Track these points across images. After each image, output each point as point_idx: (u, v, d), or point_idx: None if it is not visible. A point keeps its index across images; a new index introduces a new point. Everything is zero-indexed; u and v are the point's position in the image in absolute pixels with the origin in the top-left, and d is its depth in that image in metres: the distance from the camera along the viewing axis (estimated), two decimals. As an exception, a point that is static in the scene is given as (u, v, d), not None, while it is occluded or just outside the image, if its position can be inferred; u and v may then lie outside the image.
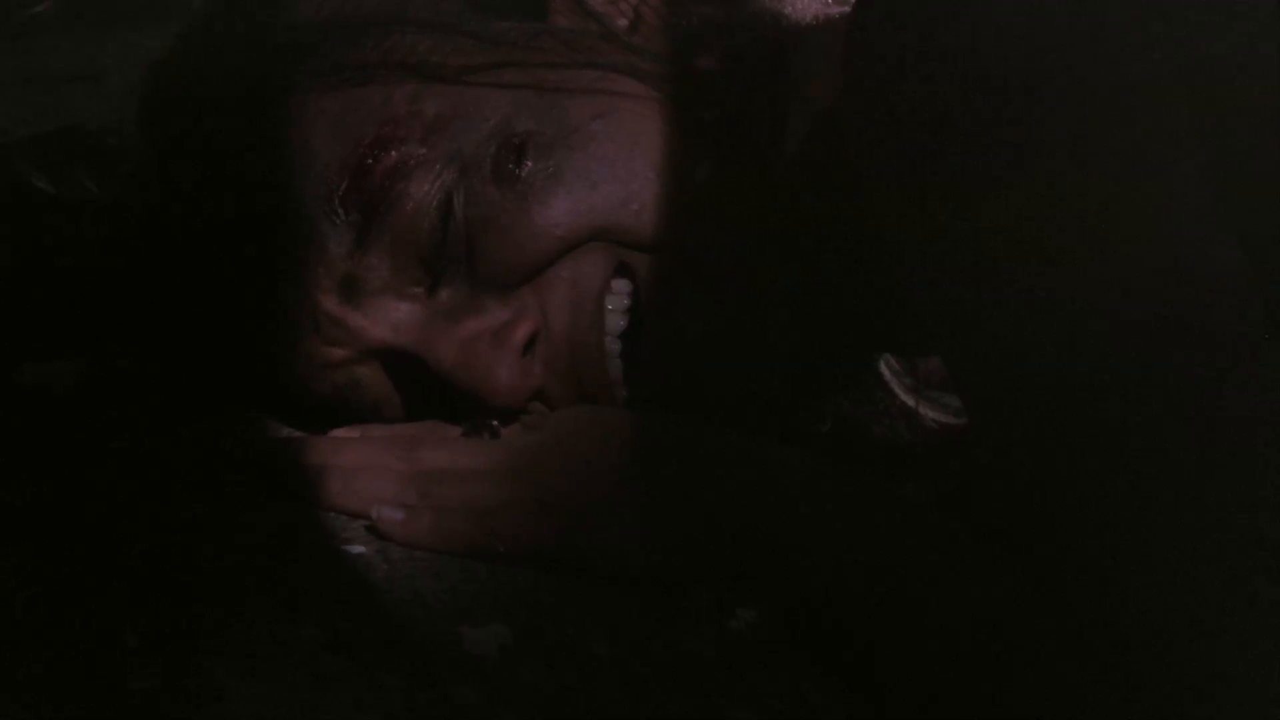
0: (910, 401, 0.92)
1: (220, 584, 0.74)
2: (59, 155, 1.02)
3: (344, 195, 0.85)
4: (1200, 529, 0.67)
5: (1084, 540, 0.70)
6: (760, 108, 0.88)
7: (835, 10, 0.89)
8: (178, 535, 0.78)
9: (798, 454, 0.81)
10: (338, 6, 0.90)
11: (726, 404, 0.87)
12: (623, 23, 0.90)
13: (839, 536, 0.77)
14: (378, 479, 0.83)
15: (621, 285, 0.87)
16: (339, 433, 0.87)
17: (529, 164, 0.85)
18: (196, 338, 0.93)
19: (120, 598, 0.71)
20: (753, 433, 0.83)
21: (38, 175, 1.00)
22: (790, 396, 0.91)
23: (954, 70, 0.73)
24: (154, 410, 0.91)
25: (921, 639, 0.73)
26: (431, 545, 0.80)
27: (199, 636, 0.68)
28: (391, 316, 0.87)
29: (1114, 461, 0.69)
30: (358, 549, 0.80)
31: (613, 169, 0.86)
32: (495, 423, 0.85)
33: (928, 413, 0.92)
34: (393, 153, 0.85)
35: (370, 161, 0.85)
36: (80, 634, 0.67)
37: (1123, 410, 0.69)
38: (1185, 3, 0.75)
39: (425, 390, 0.88)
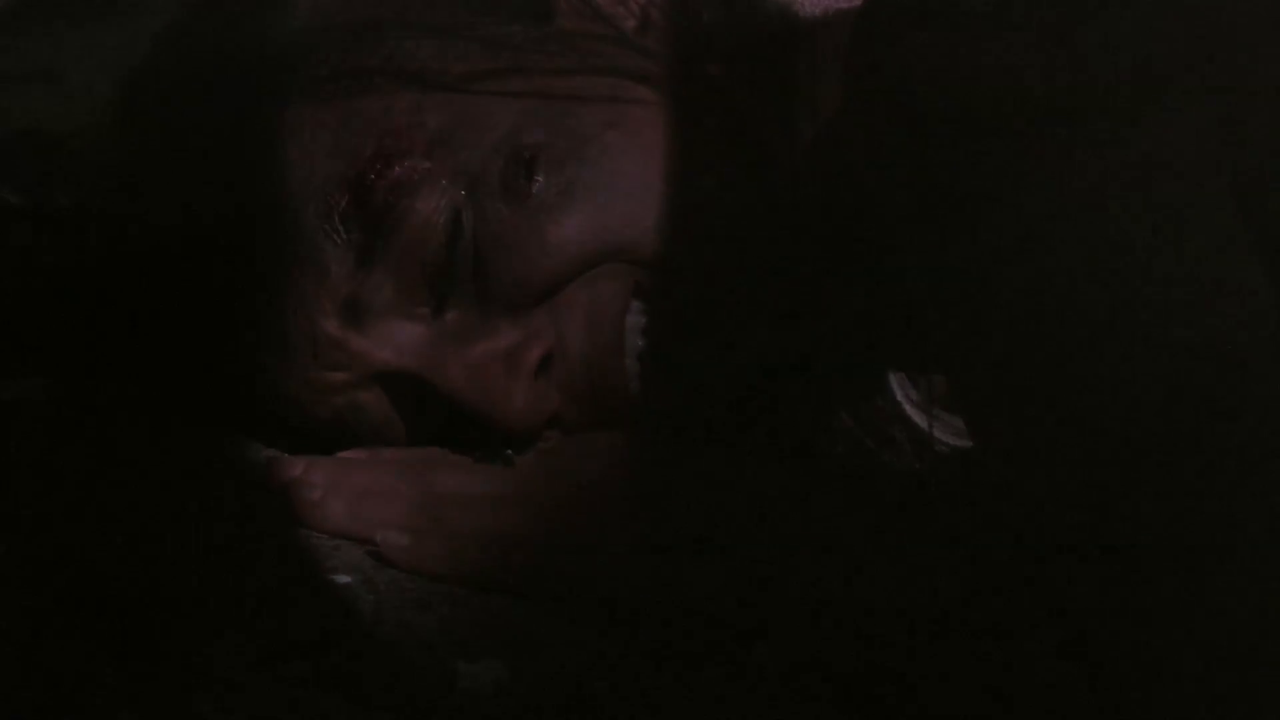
0: (922, 423, 0.91)
1: (204, 616, 0.73)
2: (20, 160, 0.99)
3: (344, 212, 0.83)
4: (1217, 551, 0.66)
5: (1095, 569, 0.69)
6: (771, 112, 0.86)
7: (845, 5, 0.87)
8: (159, 564, 0.76)
9: (819, 488, 0.80)
10: (332, 8, 0.87)
11: (739, 423, 0.86)
12: (631, 24, 0.89)
13: (859, 573, 0.76)
14: (386, 503, 0.82)
15: (635, 305, 0.86)
16: (347, 454, 0.86)
17: (540, 179, 0.83)
18: (181, 357, 0.90)
19: (99, 631, 0.69)
20: (767, 453, 0.83)
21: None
22: (803, 413, 0.89)
23: (959, 75, 0.72)
24: (136, 431, 0.90)
25: (944, 678, 0.73)
26: (437, 573, 0.79)
27: (181, 671, 0.67)
28: (396, 339, 0.85)
29: (1126, 484, 0.68)
30: (344, 578, 0.78)
31: (628, 184, 0.84)
32: (509, 451, 0.84)
33: (939, 434, 0.91)
34: (395, 167, 0.83)
35: (372, 177, 0.83)
36: (59, 669, 0.66)
37: (1135, 431, 0.68)
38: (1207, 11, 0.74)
39: (429, 415, 0.87)
